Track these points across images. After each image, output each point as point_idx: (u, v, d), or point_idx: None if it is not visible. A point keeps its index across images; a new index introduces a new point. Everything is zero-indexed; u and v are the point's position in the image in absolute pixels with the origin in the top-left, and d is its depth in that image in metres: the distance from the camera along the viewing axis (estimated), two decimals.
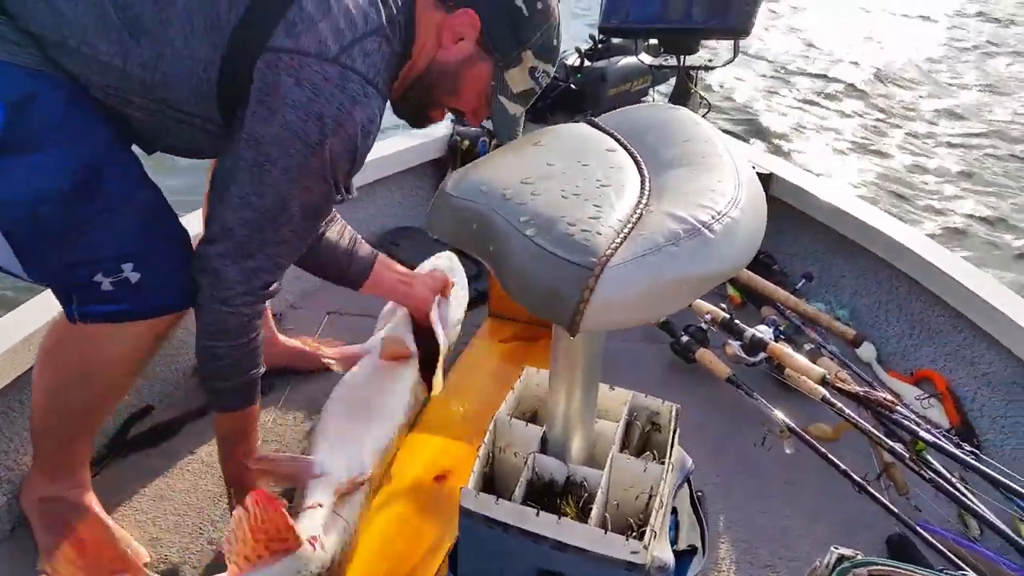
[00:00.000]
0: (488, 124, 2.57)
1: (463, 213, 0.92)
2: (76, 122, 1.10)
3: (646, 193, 0.93)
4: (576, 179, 0.94)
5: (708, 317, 1.95)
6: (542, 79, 1.32)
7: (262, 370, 1.30)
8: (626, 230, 0.84)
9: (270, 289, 1.25)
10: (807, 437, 1.65)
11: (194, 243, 1.24)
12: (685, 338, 1.97)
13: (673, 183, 0.94)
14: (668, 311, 0.87)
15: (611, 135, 1.09)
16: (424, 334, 1.77)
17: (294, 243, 1.24)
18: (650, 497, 1.16)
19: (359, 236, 1.70)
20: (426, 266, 1.95)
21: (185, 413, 1.78)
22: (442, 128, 2.60)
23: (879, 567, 1.11)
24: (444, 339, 1.73)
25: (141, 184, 1.19)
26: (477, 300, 2.17)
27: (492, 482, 1.22)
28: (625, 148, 1.05)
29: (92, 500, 1.40)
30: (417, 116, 1.40)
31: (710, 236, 0.82)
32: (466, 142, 2.58)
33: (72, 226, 1.10)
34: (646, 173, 0.98)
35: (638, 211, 0.88)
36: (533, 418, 1.28)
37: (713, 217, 0.84)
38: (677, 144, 1.04)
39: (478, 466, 1.17)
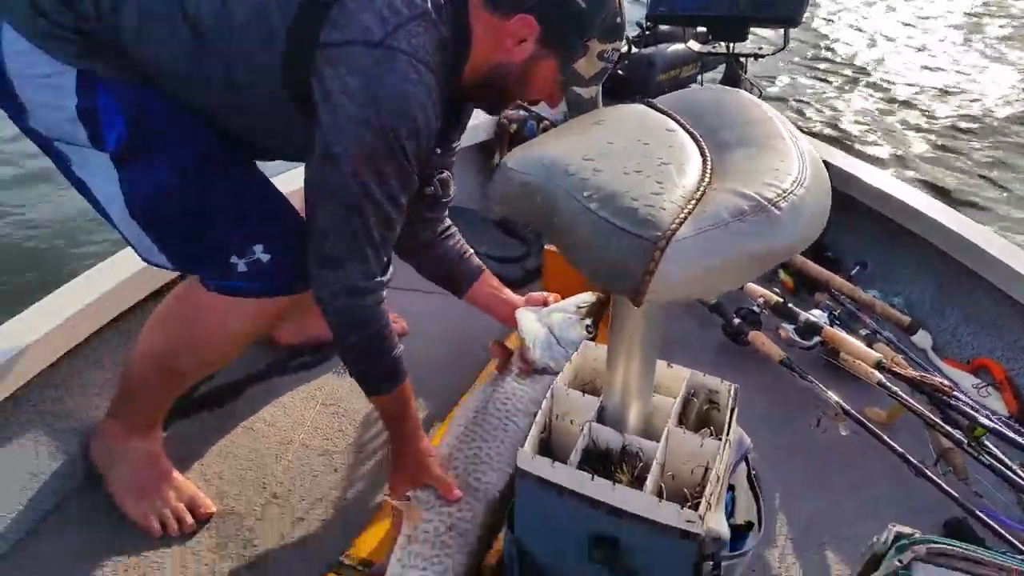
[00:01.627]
0: (538, 109, 2.62)
1: (526, 187, 0.96)
2: (184, 124, 1.24)
3: (708, 172, 0.95)
4: (637, 157, 0.96)
5: (761, 300, 1.96)
6: (612, 56, 1.33)
7: (401, 348, 1.35)
8: (690, 206, 0.87)
9: (378, 278, 1.29)
10: (863, 419, 1.66)
11: None
12: (737, 320, 1.98)
13: (735, 163, 0.96)
14: (729, 286, 0.89)
15: (670, 115, 1.11)
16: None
17: (386, 227, 1.27)
18: (706, 471, 1.19)
19: (470, 250, 1.74)
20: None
21: (247, 376, 1.87)
22: None
23: (939, 545, 1.12)
24: (522, 325, 1.69)
25: (255, 174, 1.36)
26: (527, 279, 2.21)
27: (549, 449, 1.27)
28: (684, 128, 1.07)
29: (163, 454, 1.51)
30: (491, 107, 1.46)
31: (776, 213, 0.85)
32: (514, 125, 2.60)
33: (202, 214, 1.27)
34: (707, 153, 1.00)
35: (701, 188, 0.90)
36: (590, 391, 1.31)
37: (779, 195, 0.87)
38: (737, 126, 1.06)
39: (535, 431, 1.21)
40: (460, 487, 1.39)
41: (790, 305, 1.91)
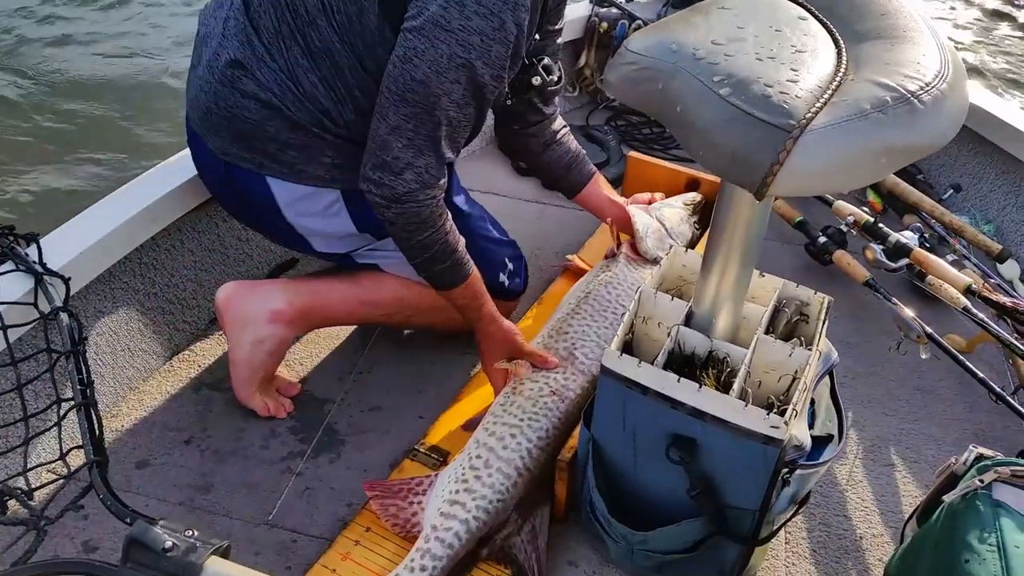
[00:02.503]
0: (631, 8, 2.50)
1: (648, 72, 0.91)
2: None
3: (843, 62, 0.89)
4: (770, 43, 0.90)
5: (851, 219, 1.88)
6: None
7: (463, 241, 1.36)
8: (826, 96, 0.81)
9: (441, 181, 1.28)
10: (945, 344, 1.61)
11: None
12: (823, 239, 1.91)
13: (872, 54, 0.90)
14: (860, 182, 0.85)
15: (801, 4, 1.04)
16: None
17: (452, 134, 1.26)
18: (793, 380, 1.17)
19: (582, 152, 1.72)
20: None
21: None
22: (580, 9, 2.53)
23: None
24: (636, 218, 1.72)
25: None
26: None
27: (630, 350, 1.25)
28: (816, 17, 1.00)
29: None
30: None
31: (919, 106, 0.79)
32: (604, 24, 2.50)
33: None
34: (841, 43, 0.94)
35: (837, 78, 0.85)
36: (675, 296, 1.29)
37: (922, 88, 0.81)
38: (873, 18, 0.99)
39: (621, 331, 1.19)
40: (567, 359, 1.45)
41: (881, 225, 1.84)
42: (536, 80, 1.44)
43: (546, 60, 1.45)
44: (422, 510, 1.26)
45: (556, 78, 1.49)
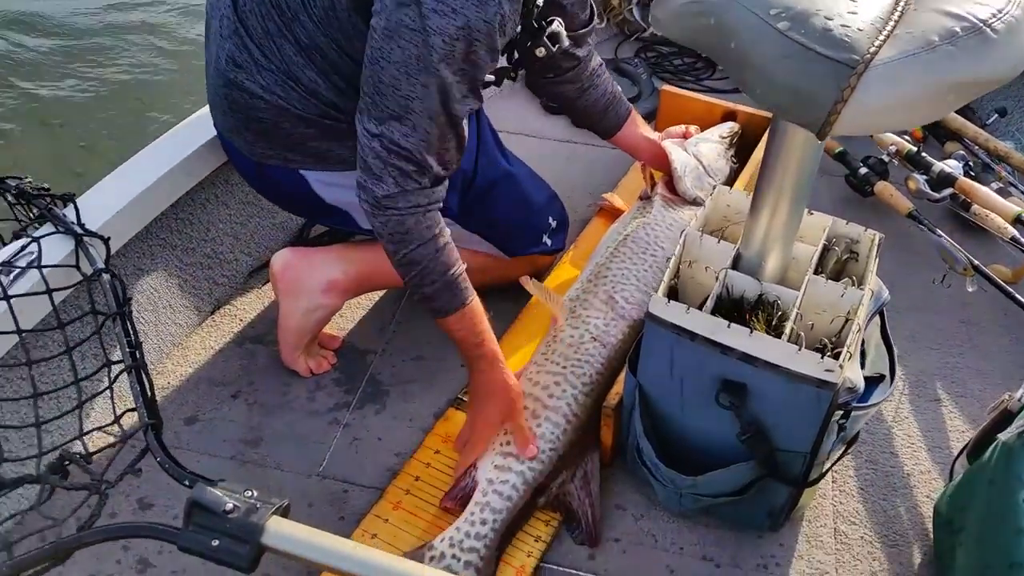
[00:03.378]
0: None
1: (699, 6, 0.87)
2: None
3: None
4: None
5: (892, 149, 1.83)
6: None
7: (463, 266, 1.22)
8: (888, 27, 0.77)
9: (429, 188, 1.17)
10: (992, 275, 1.58)
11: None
12: (863, 170, 1.86)
13: None
14: (928, 118, 0.82)
15: None
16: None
17: (430, 135, 1.14)
18: (846, 321, 1.14)
19: (620, 92, 1.64)
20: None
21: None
22: None
23: None
24: (673, 156, 1.66)
25: None
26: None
27: (675, 295, 1.23)
28: None
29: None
30: None
31: (992, 35, 0.75)
32: None
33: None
34: None
35: (899, 8, 0.80)
36: (719, 237, 1.26)
37: (994, 15, 0.76)
38: None
39: (667, 276, 1.17)
40: (606, 302, 1.43)
41: (923, 154, 1.78)
42: (540, 52, 1.31)
43: (555, 26, 1.31)
44: (475, 469, 1.26)
45: (580, 24, 1.42)
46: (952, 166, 1.79)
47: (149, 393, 0.96)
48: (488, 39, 1.08)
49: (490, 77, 1.23)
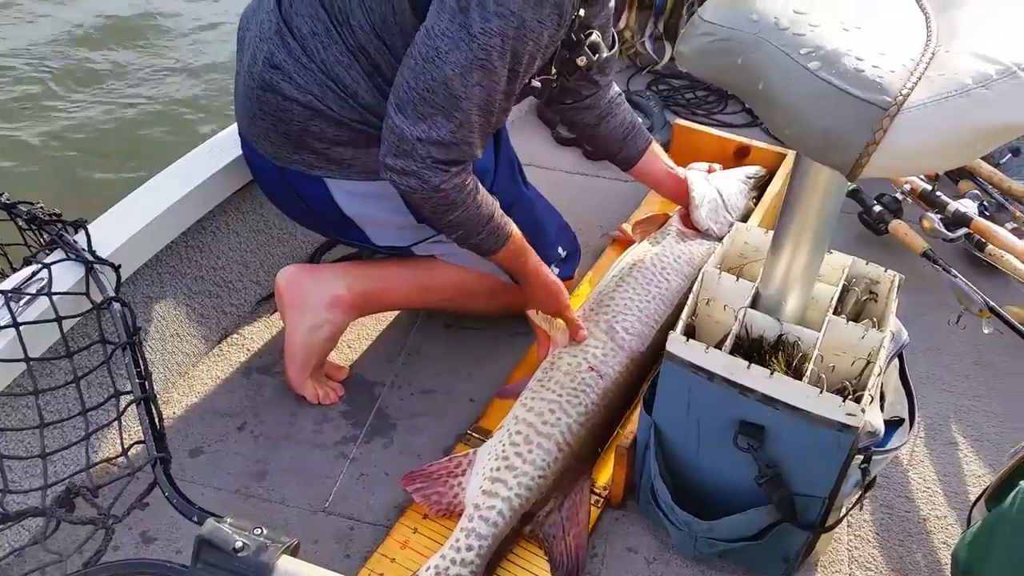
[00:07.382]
0: None
1: (726, 44, 0.86)
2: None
3: (933, 30, 0.83)
4: (852, 11, 0.85)
5: (907, 187, 1.82)
6: None
7: (496, 204, 1.31)
8: (920, 69, 0.76)
9: (465, 167, 1.24)
10: (1009, 318, 1.56)
11: None
12: (878, 208, 1.85)
13: (965, 21, 0.84)
14: (958, 162, 0.80)
15: None
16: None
17: (473, 124, 1.20)
18: (867, 363, 1.13)
19: (637, 122, 1.66)
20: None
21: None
22: None
23: None
24: (694, 184, 1.67)
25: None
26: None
27: (693, 333, 1.22)
28: None
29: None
30: None
31: None
32: None
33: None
34: (927, 10, 0.88)
35: (930, 49, 0.79)
36: (736, 275, 1.25)
37: None
38: None
39: (685, 314, 1.16)
40: (606, 332, 1.43)
41: (938, 193, 1.77)
42: (582, 60, 1.35)
43: (594, 36, 1.35)
44: (463, 490, 1.25)
45: (606, 56, 1.41)
46: (967, 205, 1.78)
47: (159, 426, 0.94)
48: (539, 39, 1.16)
49: (536, 84, 1.33)
